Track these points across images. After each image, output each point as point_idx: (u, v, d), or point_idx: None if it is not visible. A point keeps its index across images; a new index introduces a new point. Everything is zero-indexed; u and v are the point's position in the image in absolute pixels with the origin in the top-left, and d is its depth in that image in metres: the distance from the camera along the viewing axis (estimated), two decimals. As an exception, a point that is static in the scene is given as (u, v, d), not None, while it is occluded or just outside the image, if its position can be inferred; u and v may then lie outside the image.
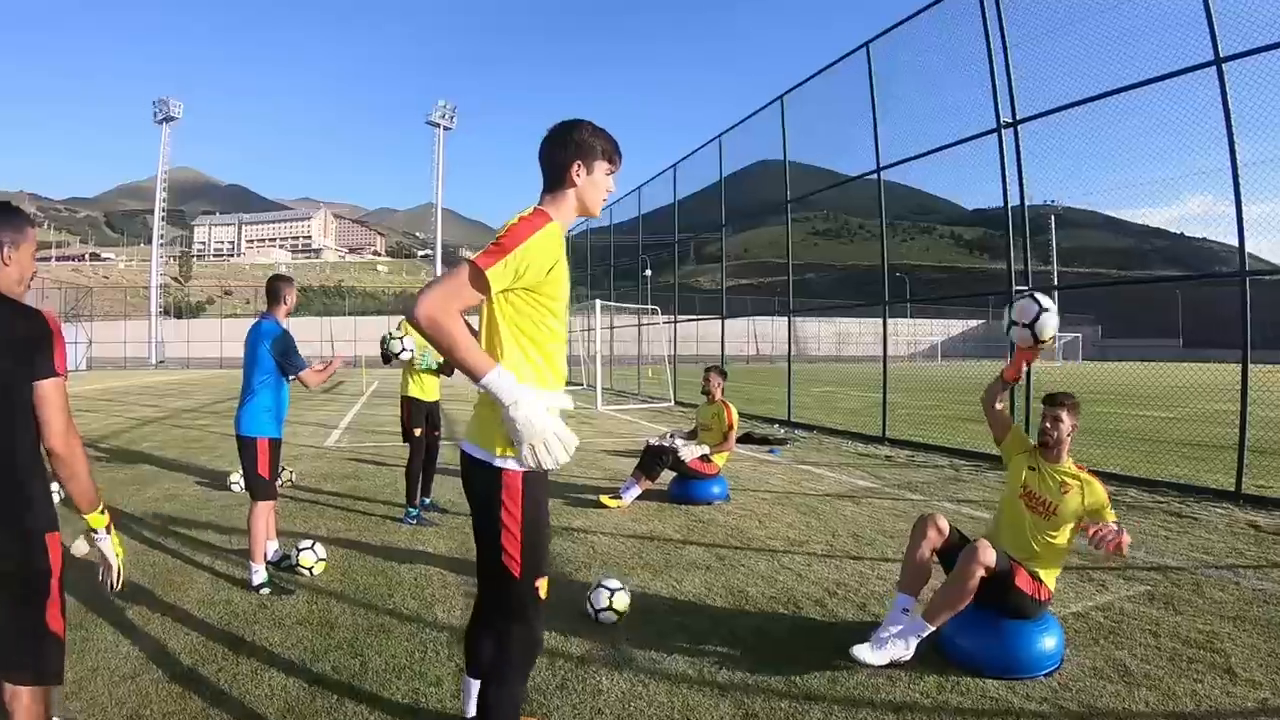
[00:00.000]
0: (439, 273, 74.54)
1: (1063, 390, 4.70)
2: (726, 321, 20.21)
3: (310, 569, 5.63)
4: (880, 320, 14.07)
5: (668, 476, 8.49)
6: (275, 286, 5.57)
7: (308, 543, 5.72)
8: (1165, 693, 3.92)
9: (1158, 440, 12.98)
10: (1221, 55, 8.63)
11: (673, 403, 21.54)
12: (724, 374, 9.01)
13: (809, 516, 7.84)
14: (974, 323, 78.86)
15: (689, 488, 8.33)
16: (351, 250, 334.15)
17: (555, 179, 2.76)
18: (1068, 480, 4.49)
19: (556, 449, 2.43)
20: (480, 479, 2.60)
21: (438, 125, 72.21)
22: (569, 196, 2.77)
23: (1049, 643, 4.17)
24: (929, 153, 13.18)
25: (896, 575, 5.60)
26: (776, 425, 16.11)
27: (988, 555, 4.12)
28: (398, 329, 7.48)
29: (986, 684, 3.99)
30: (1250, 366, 8.36)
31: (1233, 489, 8.69)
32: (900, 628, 4.18)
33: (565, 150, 2.70)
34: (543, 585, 2.71)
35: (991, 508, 8.20)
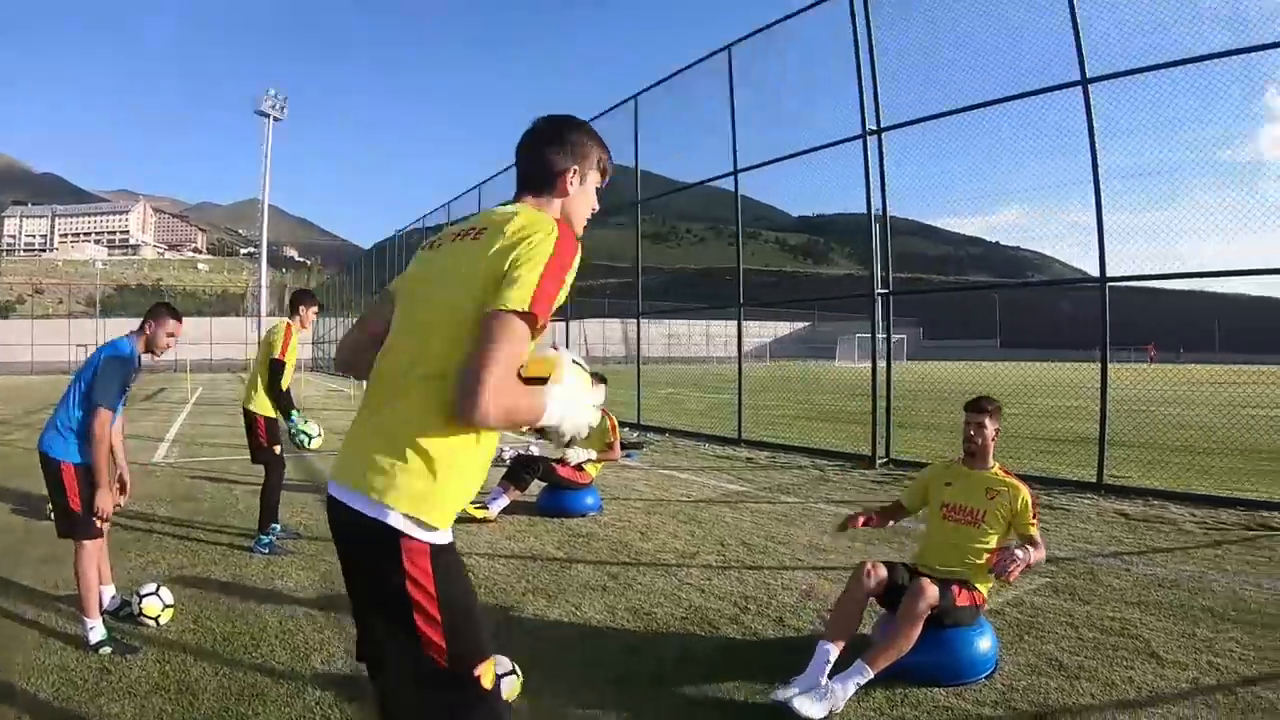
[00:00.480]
0: (263, 273, 70.41)
1: (983, 395, 4.76)
2: (571, 323, 19.73)
3: (156, 618, 4.81)
4: (711, 322, 14.11)
5: (536, 488, 8.19)
6: (154, 313, 4.96)
7: (150, 586, 4.92)
8: (1104, 683, 4.03)
9: (1010, 436, 13.31)
10: (1088, 76, 9.45)
11: None
12: (604, 380, 8.52)
13: (690, 525, 7.66)
14: (800, 325, 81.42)
15: (561, 499, 8.04)
16: (171, 247, 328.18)
17: (544, 183, 2.28)
18: (994, 486, 4.45)
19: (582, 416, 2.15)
20: (369, 542, 1.95)
21: (267, 115, 67.87)
22: (555, 206, 2.28)
23: (985, 645, 4.17)
24: (790, 156, 13.81)
25: (801, 583, 5.71)
26: (625, 428, 15.75)
27: (932, 594, 4.00)
28: (295, 420, 6.95)
29: (935, 694, 3.90)
30: (1070, 365, 8.77)
31: (1094, 480, 9.38)
32: (840, 674, 3.88)
33: (562, 151, 2.26)
34: (485, 672, 1.97)
35: (864, 506, 8.33)
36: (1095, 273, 9.49)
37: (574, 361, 2.12)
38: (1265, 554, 6.61)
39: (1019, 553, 4.02)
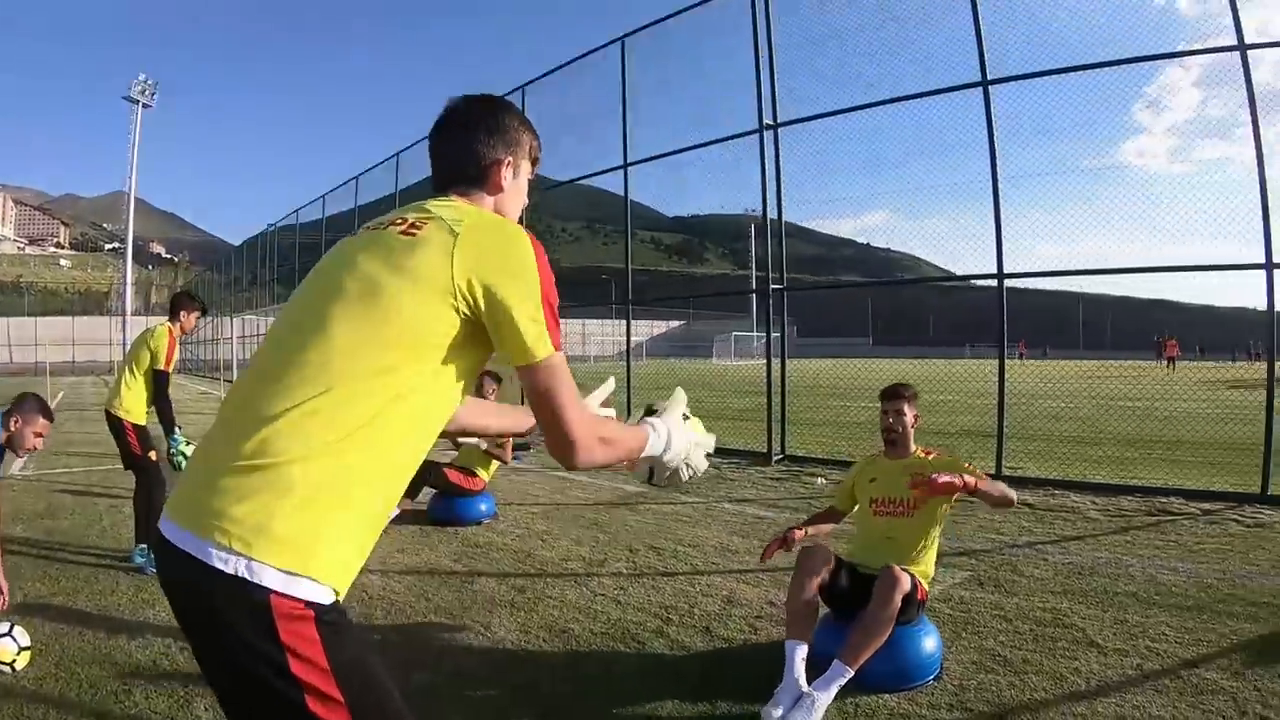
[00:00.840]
0: (128, 270, 66.21)
1: (898, 382, 4.71)
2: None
3: (11, 664, 4.13)
4: (588, 321, 13.92)
5: (424, 495, 7.77)
6: (22, 406, 4.59)
7: (3, 626, 4.23)
8: (1053, 676, 4.03)
9: None
10: (989, 78, 9.75)
11: None
12: (498, 379, 8.01)
13: (593, 530, 7.38)
14: (676, 324, 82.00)
15: (454, 506, 7.66)
16: (32, 241, 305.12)
17: (473, 177, 1.89)
18: (919, 469, 4.27)
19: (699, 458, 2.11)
20: (224, 608, 1.42)
21: (136, 102, 63.58)
22: (488, 205, 1.90)
23: (930, 644, 4.06)
24: (686, 149, 13.90)
25: (722, 589, 5.53)
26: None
27: (906, 581, 3.86)
28: (178, 439, 6.61)
29: (886, 700, 3.78)
30: (941, 362, 8.99)
31: (993, 472, 9.51)
32: (819, 679, 3.66)
33: (493, 139, 1.89)
34: None
35: (771, 505, 8.51)
36: (959, 273, 9.77)
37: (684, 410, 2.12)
38: (1171, 538, 6.90)
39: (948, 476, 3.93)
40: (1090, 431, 14.61)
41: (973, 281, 10.68)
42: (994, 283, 9.86)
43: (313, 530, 1.42)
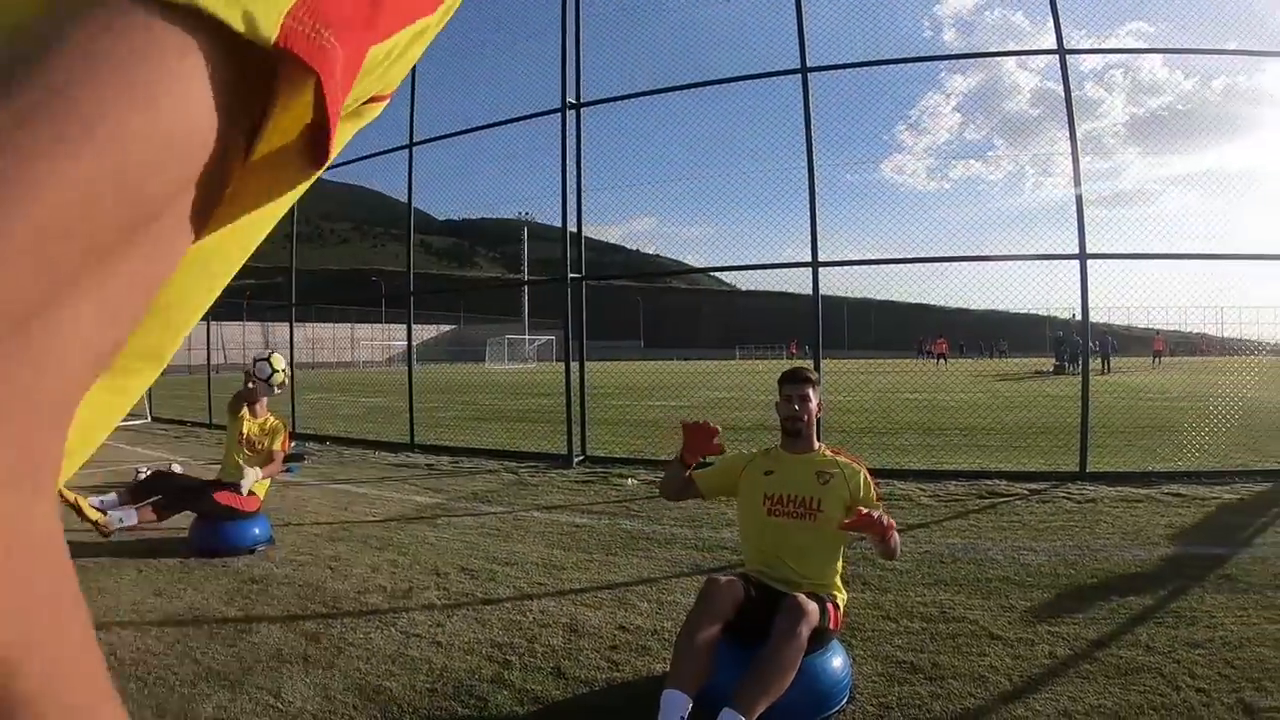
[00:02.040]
0: None
1: (797, 365, 4.23)
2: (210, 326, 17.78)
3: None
4: (357, 326, 12.90)
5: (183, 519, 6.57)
6: None
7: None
8: (973, 678, 3.76)
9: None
10: (808, 66, 9.87)
11: (149, 419, 17.92)
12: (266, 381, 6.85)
13: (390, 552, 6.36)
14: (446, 328, 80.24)
15: (220, 533, 6.38)
16: None
17: None
18: (825, 468, 3.82)
19: None
20: None
21: None
22: None
23: (839, 663, 3.59)
24: (484, 127, 13.30)
25: (560, 616, 4.80)
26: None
27: (813, 612, 3.31)
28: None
29: None
30: (713, 363, 9.01)
31: None
32: None
33: None
34: None
35: (584, 510, 7.85)
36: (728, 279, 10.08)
37: None
38: (1012, 519, 7.01)
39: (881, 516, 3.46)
40: (883, 423, 15.15)
41: (785, 270, 10.75)
42: (771, 287, 10.18)
43: None
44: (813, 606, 3.30)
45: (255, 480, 6.63)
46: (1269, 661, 3.82)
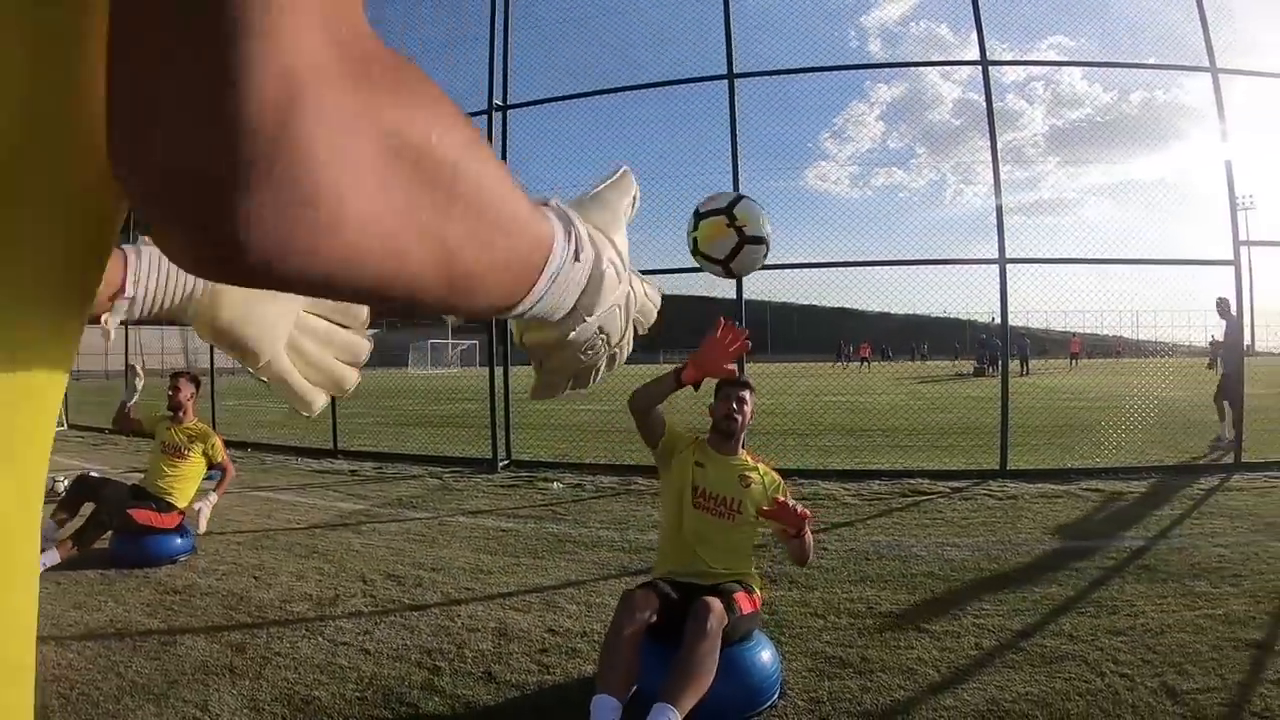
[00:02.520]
0: None
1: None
2: (129, 330, 17.01)
3: None
4: None
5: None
6: None
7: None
8: (901, 671, 3.85)
9: (606, 431, 13.51)
10: (735, 71, 9.98)
11: (65, 426, 17.26)
12: (197, 382, 6.69)
13: (315, 560, 6.23)
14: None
15: (142, 544, 6.13)
16: None
17: None
18: (746, 472, 3.97)
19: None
20: None
21: None
22: None
23: (768, 657, 3.66)
24: None
25: (488, 620, 4.79)
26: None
27: (719, 610, 3.37)
28: None
29: None
30: (634, 366, 9.11)
31: None
32: None
33: None
34: None
35: (510, 515, 7.80)
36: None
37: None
38: (935, 516, 7.18)
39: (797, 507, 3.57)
40: (807, 425, 15.40)
41: (710, 275, 10.88)
42: (695, 292, 10.31)
43: None
44: (719, 605, 3.36)
45: (210, 509, 6.60)
46: (1189, 646, 3.97)
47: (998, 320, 9.76)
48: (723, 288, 10.21)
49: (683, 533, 3.82)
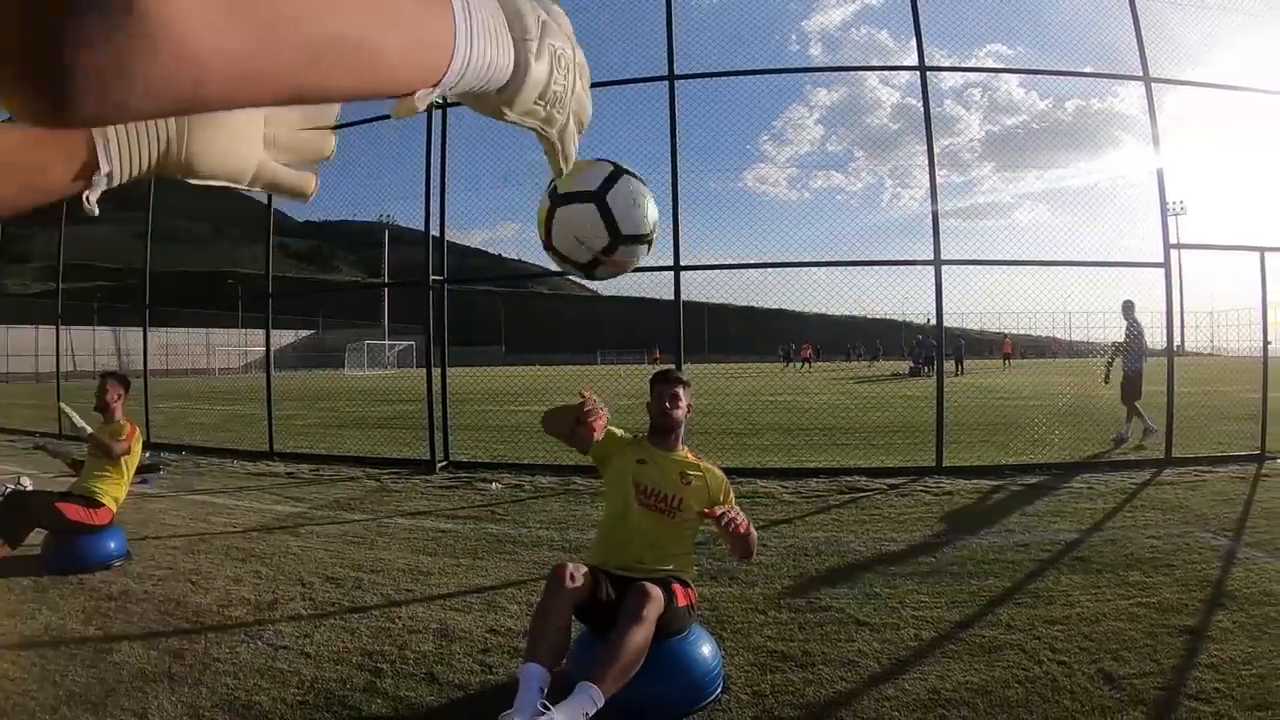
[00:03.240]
0: None
1: (669, 368, 4.59)
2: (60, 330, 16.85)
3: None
4: (211, 330, 12.51)
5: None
6: None
7: None
8: (843, 663, 3.92)
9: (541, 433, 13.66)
10: (675, 73, 10.05)
11: None
12: (126, 384, 6.57)
13: (252, 563, 6.12)
14: (304, 333, 77.99)
15: (75, 548, 5.97)
16: None
17: None
18: (688, 470, 3.96)
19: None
20: None
21: None
22: None
23: (709, 651, 3.68)
24: (341, 126, 12.29)
25: (429, 621, 4.77)
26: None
27: (658, 595, 3.39)
28: None
29: None
30: (575, 368, 9.33)
31: None
32: (563, 701, 3.06)
33: None
34: None
35: (449, 516, 7.78)
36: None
37: None
38: (873, 512, 7.32)
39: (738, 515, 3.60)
40: (744, 425, 15.65)
41: (646, 277, 10.99)
42: (632, 293, 10.30)
43: None
44: (657, 591, 3.38)
45: (78, 419, 6.43)
46: (1124, 634, 4.12)
47: (933, 321, 9.95)
48: (660, 289, 10.35)
49: (626, 528, 3.83)
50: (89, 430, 6.40)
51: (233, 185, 0.85)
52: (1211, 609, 4.51)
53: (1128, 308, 11.68)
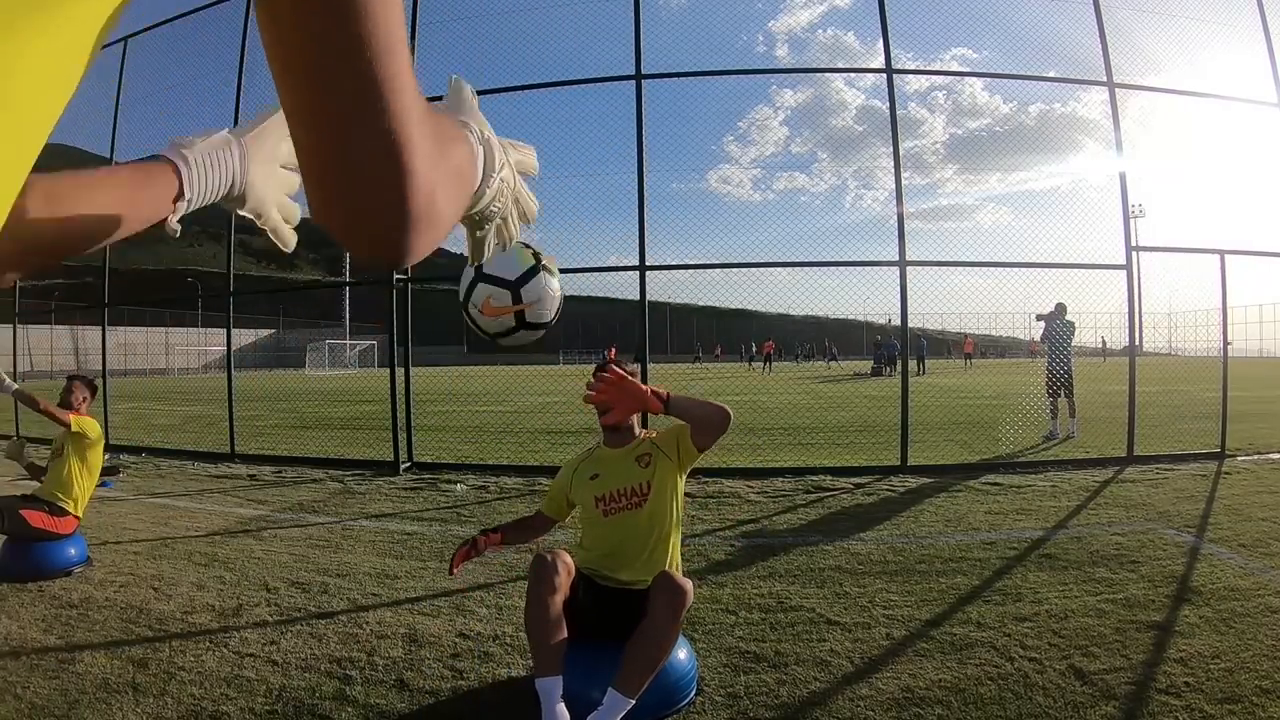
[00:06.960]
0: None
1: (614, 359, 4.24)
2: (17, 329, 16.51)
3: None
4: (171, 330, 12.33)
5: None
6: None
7: None
8: (815, 663, 3.92)
9: (511, 432, 13.48)
10: (643, 73, 10.11)
11: None
12: (92, 387, 6.46)
13: (215, 568, 5.99)
14: (264, 332, 77.09)
15: (32, 554, 5.81)
16: None
17: None
18: (642, 453, 3.78)
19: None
20: None
21: None
22: None
23: (684, 655, 3.63)
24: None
25: (398, 626, 4.69)
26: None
27: (689, 588, 3.32)
28: None
29: None
30: (537, 368, 9.47)
31: None
32: (593, 715, 3.07)
33: None
34: None
35: (414, 518, 7.74)
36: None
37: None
38: (839, 511, 7.37)
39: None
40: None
41: (608, 277, 10.98)
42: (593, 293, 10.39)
43: None
44: (688, 583, 3.32)
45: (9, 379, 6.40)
46: (1093, 629, 4.19)
47: (895, 321, 10.10)
48: (623, 289, 10.36)
49: (607, 543, 3.70)
50: (15, 386, 6.34)
51: (253, 216, 1.08)
52: (1178, 604, 4.59)
53: (1059, 309, 12.14)
